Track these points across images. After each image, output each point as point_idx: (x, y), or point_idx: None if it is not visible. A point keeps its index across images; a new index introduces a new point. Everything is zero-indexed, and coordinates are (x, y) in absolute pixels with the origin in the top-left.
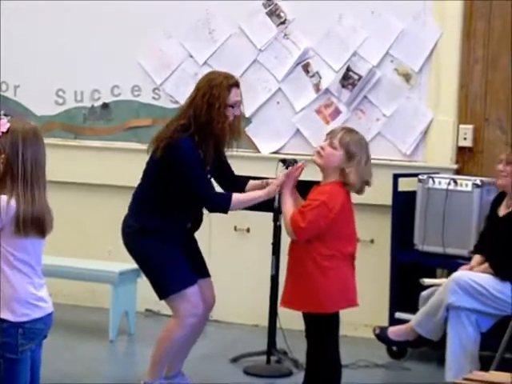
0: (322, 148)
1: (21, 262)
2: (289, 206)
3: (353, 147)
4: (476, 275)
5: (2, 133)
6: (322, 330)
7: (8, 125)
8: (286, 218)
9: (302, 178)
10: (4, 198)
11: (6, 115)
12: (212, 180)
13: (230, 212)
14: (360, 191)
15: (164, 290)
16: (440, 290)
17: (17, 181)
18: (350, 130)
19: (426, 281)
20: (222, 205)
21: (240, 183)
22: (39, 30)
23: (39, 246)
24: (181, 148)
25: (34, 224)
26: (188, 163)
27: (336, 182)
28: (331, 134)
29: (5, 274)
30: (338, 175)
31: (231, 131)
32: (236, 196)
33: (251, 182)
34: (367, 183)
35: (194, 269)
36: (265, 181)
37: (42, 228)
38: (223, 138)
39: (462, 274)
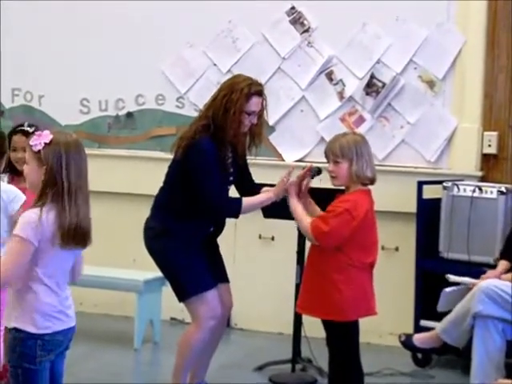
0: (331, 171)
1: (48, 277)
2: (300, 210)
3: (347, 151)
4: (503, 284)
5: (45, 144)
6: (342, 338)
7: (51, 136)
8: (301, 222)
9: (326, 186)
10: (31, 214)
11: (30, 126)
12: (231, 185)
13: (254, 220)
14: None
15: (183, 293)
16: (467, 298)
17: (62, 193)
18: (335, 139)
19: (452, 277)
20: (232, 211)
21: (256, 190)
22: (64, 40)
23: (69, 260)
24: (201, 149)
25: (78, 235)
26: (203, 167)
27: (359, 190)
28: (329, 154)
29: (32, 287)
30: (357, 182)
31: (251, 137)
32: (246, 200)
33: (265, 188)
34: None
35: (214, 273)
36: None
37: (85, 239)
38: (237, 144)
39: (489, 282)
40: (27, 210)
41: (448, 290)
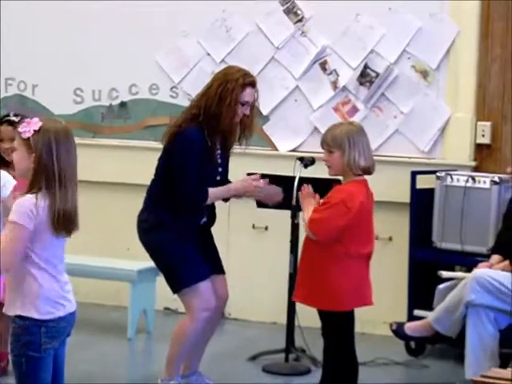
0: (326, 161)
1: (45, 262)
2: (308, 209)
3: (340, 140)
4: (496, 273)
5: (34, 131)
6: (338, 328)
7: (40, 123)
8: (305, 218)
9: (323, 176)
10: (26, 200)
11: (16, 115)
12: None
13: (248, 210)
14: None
15: (176, 284)
16: (459, 287)
17: (52, 180)
18: (330, 129)
19: (444, 273)
20: (197, 200)
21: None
22: (57, 30)
23: (61, 245)
24: (185, 138)
25: (66, 222)
26: (185, 154)
27: (354, 180)
28: (323, 144)
29: (31, 272)
30: (350, 172)
31: (241, 129)
32: (211, 192)
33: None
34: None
35: (208, 264)
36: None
37: (72, 226)
38: (229, 134)
39: (481, 271)
40: (22, 197)
41: (442, 286)
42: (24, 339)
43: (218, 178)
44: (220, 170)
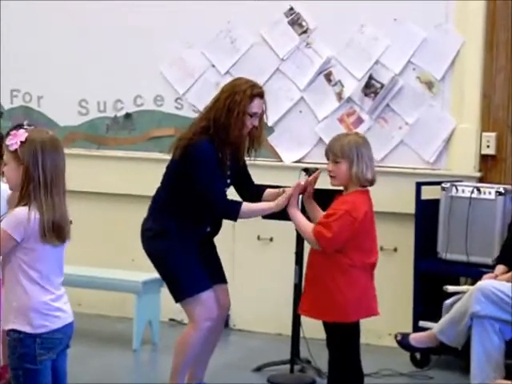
0: (330, 171)
1: (37, 273)
2: (300, 218)
3: (347, 151)
4: (501, 284)
5: (21, 142)
6: (343, 339)
7: (26, 134)
8: (302, 228)
9: (324, 187)
10: (21, 211)
11: (29, 125)
12: (229, 188)
13: (253, 221)
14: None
15: (179, 293)
16: (464, 298)
17: (38, 189)
18: (336, 139)
19: (450, 288)
20: (231, 213)
21: (258, 191)
22: (62, 42)
23: (57, 256)
24: (198, 150)
25: (55, 231)
26: (203, 165)
27: (358, 190)
28: (329, 153)
29: (21, 284)
30: (357, 183)
31: (250, 140)
32: (246, 205)
33: (268, 191)
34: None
35: (211, 274)
36: (282, 189)
37: (62, 235)
38: (239, 146)
39: (486, 282)
40: (16, 208)
41: (448, 301)
42: (19, 352)
43: (227, 189)
44: (228, 181)
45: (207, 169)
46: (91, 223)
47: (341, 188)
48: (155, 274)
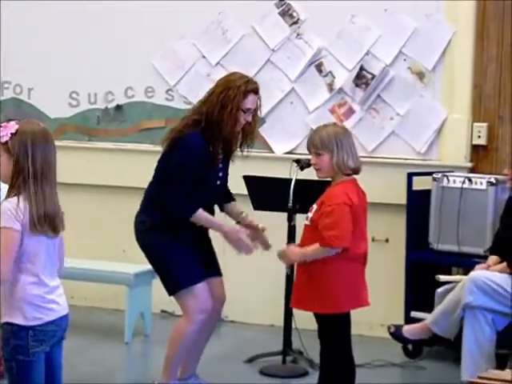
0: (314, 164)
1: (30, 265)
2: (310, 251)
3: (327, 142)
4: (493, 274)
5: (12, 134)
6: (334, 330)
7: (17, 126)
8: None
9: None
10: (8, 203)
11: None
12: (221, 181)
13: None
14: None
15: (172, 286)
16: (457, 289)
17: (28, 181)
18: (315, 131)
19: (442, 277)
20: (185, 211)
21: (225, 198)
22: (52, 33)
23: (52, 248)
24: (186, 144)
25: (47, 222)
26: (183, 162)
27: (344, 180)
28: (310, 146)
29: (18, 279)
30: (340, 172)
31: (243, 136)
32: (202, 213)
33: (233, 206)
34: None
35: (205, 267)
36: (259, 225)
37: (55, 226)
38: (231, 141)
39: (479, 273)
40: (4, 202)
41: (441, 289)
42: (12, 343)
43: (218, 182)
44: (220, 175)
45: (185, 165)
46: (82, 215)
47: (329, 179)
48: (147, 266)
